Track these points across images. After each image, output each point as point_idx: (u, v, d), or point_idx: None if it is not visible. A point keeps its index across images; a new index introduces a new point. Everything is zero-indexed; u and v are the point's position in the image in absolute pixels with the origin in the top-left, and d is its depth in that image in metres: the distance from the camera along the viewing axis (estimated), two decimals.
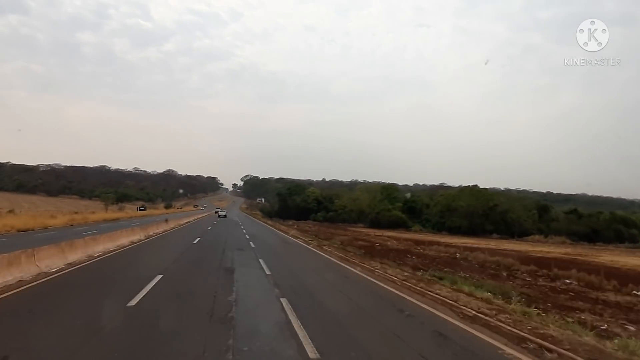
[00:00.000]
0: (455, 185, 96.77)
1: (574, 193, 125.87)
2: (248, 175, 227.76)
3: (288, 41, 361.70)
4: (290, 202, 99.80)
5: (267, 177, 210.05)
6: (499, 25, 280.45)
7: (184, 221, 39.94)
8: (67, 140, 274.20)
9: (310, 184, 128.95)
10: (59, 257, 11.56)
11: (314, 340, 5.44)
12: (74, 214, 52.91)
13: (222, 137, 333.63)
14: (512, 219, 64.12)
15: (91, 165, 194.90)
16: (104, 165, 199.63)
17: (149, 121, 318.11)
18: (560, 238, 58.68)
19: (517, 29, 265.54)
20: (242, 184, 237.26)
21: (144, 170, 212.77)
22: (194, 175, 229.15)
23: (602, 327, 9.06)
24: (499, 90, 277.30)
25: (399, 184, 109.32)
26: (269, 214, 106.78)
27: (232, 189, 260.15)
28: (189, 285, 9.63)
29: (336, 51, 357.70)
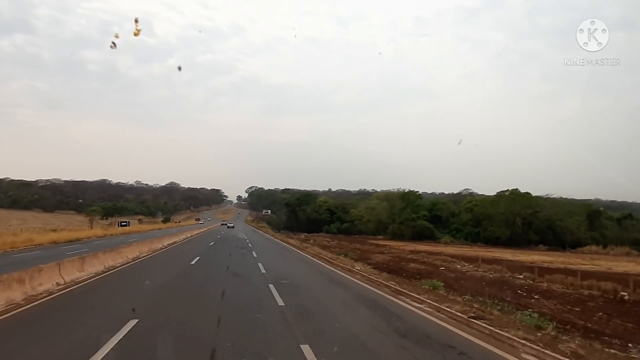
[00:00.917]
0: (479, 193, 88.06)
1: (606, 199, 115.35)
2: (253, 186, 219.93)
3: (290, 54, 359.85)
4: (300, 213, 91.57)
5: (273, 188, 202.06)
6: (499, 33, 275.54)
7: (167, 242, 26.68)
8: (70, 156, 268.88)
9: (316, 194, 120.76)
10: None
11: None
12: (52, 231, 44.97)
13: (226, 150, 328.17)
14: (561, 227, 55.27)
15: (91, 180, 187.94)
16: (105, 179, 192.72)
17: (153, 135, 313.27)
18: (622, 249, 49.82)
19: (518, 37, 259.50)
20: (247, 195, 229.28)
21: (146, 184, 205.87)
22: (198, 187, 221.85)
23: None
24: (503, 96, 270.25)
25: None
26: (276, 226, 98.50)
27: (237, 201, 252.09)
28: None
29: (338, 62, 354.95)
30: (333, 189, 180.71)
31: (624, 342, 8.19)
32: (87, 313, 7.45)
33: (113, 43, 9.49)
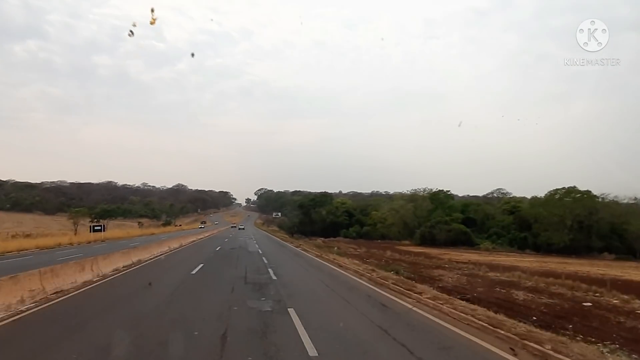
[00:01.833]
0: (518, 195, 78.84)
1: None
2: (262, 188, 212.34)
3: (298, 57, 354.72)
4: (315, 216, 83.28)
5: (283, 191, 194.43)
6: (510, 35, 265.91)
7: (148, 255, 19.01)
8: (78, 159, 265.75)
9: (332, 195, 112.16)
10: None
11: None
12: (26, 236, 37.81)
13: (235, 153, 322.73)
14: (631, 232, 46.27)
15: (97, 182, 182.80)
16: (110, 181, 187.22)
17: (162, 139, 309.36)
18: None
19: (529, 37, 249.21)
20: (256, 198, 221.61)
21: (153, 186, 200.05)
22: (206, 190, 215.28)
23: None
24: (514, 97, 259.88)
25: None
26: (289, 229, 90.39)
27: (246, 204, 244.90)
28: None
29: (346, 65, 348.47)
30: (344, 191, 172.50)
31: None
32: None
33: (131, 31, 8.10)
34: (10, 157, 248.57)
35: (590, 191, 49.46)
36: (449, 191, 69.38)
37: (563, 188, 51.24)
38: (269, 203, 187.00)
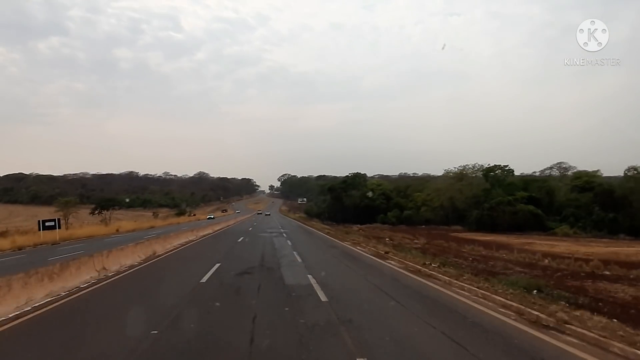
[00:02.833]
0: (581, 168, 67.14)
1: None
2: (285, 174, 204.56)
3: (316, 41, 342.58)
4: (347, 200, 74.22)
5: (306, 176, 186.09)
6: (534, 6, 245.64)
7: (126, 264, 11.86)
8: (100, 151, 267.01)
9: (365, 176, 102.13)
10: None
11: None
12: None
13: (256, 140, 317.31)
14: None
15: (118, 172, 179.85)
16: (132, 171, 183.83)
17: (183, 128, 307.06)
18: None
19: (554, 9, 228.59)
20: (280, 184, 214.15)
21: (174, 175, 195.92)
22: (228, 177, 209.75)
23: None
24: (540, 73, 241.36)
25: None
26: (317, 216, 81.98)
27: (269, 190, 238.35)
28: None
29: (365, 47, 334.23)
30: (369, 174, 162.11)
31: None
32: None
33: None
34: (35, 152, 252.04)
35: None
36: (506, 166, 58.54)
37: None
38: (293, 189, 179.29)
